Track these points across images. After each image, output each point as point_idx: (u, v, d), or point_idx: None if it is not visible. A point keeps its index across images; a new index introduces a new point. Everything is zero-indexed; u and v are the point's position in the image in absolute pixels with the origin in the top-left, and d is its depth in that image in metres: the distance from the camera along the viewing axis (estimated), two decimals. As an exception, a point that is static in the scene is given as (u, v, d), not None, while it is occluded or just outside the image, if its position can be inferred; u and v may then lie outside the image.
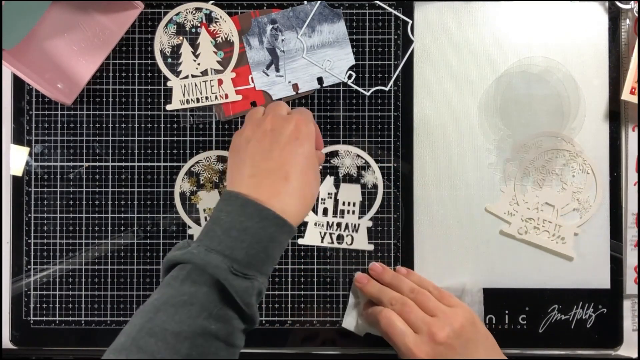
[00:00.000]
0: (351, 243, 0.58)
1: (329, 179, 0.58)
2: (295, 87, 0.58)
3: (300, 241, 0.58)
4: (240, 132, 0.50)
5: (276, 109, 0.50)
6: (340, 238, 0.58)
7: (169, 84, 0.58)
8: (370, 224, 0.58)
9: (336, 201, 0.58)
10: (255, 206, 0.44)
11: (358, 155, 0.58)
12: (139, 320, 0.41)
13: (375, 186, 0.58)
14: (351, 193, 0.58)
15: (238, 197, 0.45)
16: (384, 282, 0.55)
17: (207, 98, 0.58)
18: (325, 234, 0.58)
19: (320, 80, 0.57)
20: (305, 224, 0.58)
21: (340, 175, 0.58)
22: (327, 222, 0.58)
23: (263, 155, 0.47)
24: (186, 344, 0.40)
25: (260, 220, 0.44)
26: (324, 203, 0.58)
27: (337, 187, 0.58)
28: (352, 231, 0.58)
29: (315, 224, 0.58)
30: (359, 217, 0.58)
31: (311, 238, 0.58)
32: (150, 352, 0.39)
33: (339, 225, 0.58)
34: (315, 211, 0.58)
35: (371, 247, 0.58)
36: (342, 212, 0.58)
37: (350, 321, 0.57)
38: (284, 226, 0.45)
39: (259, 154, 0.47)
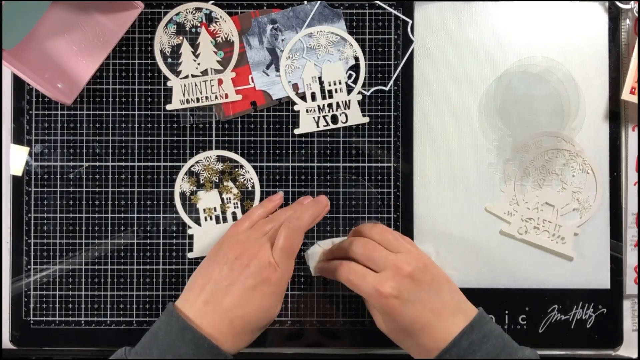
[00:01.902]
0: (346, 120, 0.58)
1: (310, 64, 0.58)
2: (295, 87, 0.58)
3: (296, 131, 0.58)
4: (221, 244, 0.52)
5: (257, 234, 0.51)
6: (334, 118, 0.58)
7: (169, 83, 0.58)
8: (360, 97, 0.58)
9: (321, 83, 0.58)
10: (194, 333, 0.45)
11: (332, 32, 0.57)
12: None
13: (356, 59, 0.58)
14: (334, 72, 0.58)
15: (179, 319, 0.46)
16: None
17: (207, 98, 0.58)
18: (319, 118, 0.58)
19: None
20: (297, 114, 0.58)
21: (320, 57, 0.58)
22: (318, 106, 0.58)
23: (224, 290, 0.48)
24: None
25: (196, 348, 0.45)
26: (311, 88, 0.58)
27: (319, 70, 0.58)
28: (345, 108, 0.58)
29: (307, 110, 0.58)
30: (348, 94, 0.58)
31: (306, 126, 0.58)
32: None
33: (330, 106, 0.58)
34: (304, 98, 0.58)
35: (366, 120, 0.58)
36: (330, 92, 0.58)
37: (312, 265, 0.56)
38: (219, 355, 0.45)
39: (220, 287, 0.48)
